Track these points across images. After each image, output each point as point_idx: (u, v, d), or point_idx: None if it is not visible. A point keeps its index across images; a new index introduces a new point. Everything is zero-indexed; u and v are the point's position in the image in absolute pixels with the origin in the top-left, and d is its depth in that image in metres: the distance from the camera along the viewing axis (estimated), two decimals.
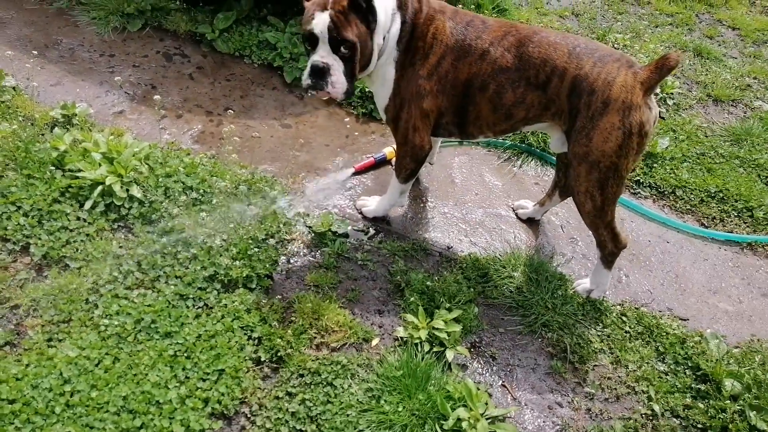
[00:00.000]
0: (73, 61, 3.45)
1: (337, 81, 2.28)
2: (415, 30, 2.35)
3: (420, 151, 2.53)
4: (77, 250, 2.44)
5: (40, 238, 2.44)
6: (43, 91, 3.22)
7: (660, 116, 3.69)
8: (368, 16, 2.25)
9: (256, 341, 2.29)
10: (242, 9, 3.77)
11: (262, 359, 2.24)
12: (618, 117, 2.17)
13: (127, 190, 2.61)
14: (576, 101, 2.22)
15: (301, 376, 2.21)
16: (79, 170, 2.61)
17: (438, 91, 2.39)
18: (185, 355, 2.18)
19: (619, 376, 2.41)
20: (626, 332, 2.56)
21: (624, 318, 2.61)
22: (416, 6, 2.36)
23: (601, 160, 2.24)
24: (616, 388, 2.37)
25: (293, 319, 2.38)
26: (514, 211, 3.06)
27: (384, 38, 2.34)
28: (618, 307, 2.67)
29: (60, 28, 3.64)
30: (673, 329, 2.58)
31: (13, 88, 3.10)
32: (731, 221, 3.17)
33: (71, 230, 2.49)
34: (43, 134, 2.87)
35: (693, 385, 2.38)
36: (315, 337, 2.34)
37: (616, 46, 4.12)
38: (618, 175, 2.27)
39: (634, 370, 2.43)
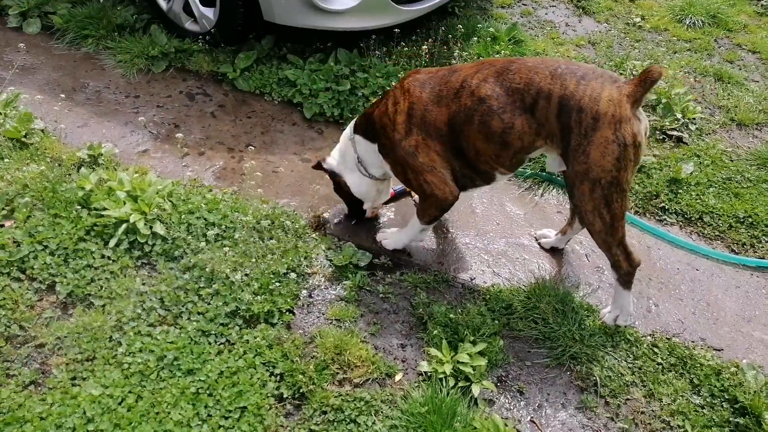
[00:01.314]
0: (99, 103, 3.55)
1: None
2: (377, 121, 2.60)
3: (443, 202, 2.55)
4: (102, 287, 2.47)
5: (65, 277, 2.47)
6: (71, 132, 3.31)
7: (683, 141, 3.64)
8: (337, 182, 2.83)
9: (278, 377, 2.27)
10: (263, 48, 3.87)
11: (285, 396, 2.21)
12: (611, 130, 2.18)
13: (151, 228, 2.64)
14: (566, 120, 2.24)
15: (324, 413, 2.17)
16: (104, 209, 2.65)
17: (424, 137, 2.46)
18: (207, 392, 2.16)
19: (653, 410, 2.32)
20: (658, 364, 2.48)
21: (655, 349, 2.53)
22: (378, 112, 2.59)
23: (602, 177, 2.23)
24: (650, 423, 2.28)
25: (315, 354, 2.36)
26: (536, 240, 3.02)
27: (358, 160, 2.71)
28: (649, 337, 2.59)
29: (87, 72, 3.76)
30: (708, 360, 2.49)
31: (42, 130, 3.19)
32: (762, 247, 3.08)
33: (96, 268, 2.52)
34: (70, 174, 2.93)
35: (731, 419, 2.28)
36: (337, 373, 2.30)
37: (634, 73, 4.10)
38: (620, 189, 2.27)
39: (669, 404, 2.34)
